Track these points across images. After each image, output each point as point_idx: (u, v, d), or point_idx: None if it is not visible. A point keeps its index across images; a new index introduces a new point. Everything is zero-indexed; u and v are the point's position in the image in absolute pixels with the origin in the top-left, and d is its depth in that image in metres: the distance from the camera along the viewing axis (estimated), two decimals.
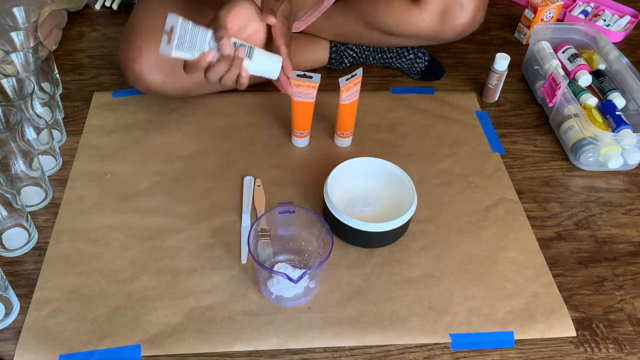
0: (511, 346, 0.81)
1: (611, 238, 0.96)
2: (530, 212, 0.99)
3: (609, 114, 1.09)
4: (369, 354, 0.79)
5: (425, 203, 0.97)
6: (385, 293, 0.85)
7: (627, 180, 1.06)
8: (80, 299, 0.82)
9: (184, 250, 0.89)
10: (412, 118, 1.15)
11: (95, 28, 1.35)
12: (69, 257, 0.87)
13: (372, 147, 1.08)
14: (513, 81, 1.27)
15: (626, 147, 1.05)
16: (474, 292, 0.86)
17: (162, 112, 1.11)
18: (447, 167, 1.05)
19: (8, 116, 0.87)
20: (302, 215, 0.84)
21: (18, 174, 0.91)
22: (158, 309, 0.81)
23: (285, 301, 0.82)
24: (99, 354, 0.77)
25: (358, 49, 1.23)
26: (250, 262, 0.87)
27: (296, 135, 1.06)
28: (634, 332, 0.84)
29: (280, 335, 0.80)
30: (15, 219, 0.87)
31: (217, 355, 0.78)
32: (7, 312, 0.79)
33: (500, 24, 1.46)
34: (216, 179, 0.99)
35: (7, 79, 0.92)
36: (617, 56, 1.17)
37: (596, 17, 1.45)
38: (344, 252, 0.90)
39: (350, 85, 0.98)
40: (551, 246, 0.94)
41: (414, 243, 0.92)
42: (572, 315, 0.84)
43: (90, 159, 1.02)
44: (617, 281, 0.90)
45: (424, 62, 1.23)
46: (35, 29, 1.05)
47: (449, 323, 0.82)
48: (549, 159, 1.09)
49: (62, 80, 1.19)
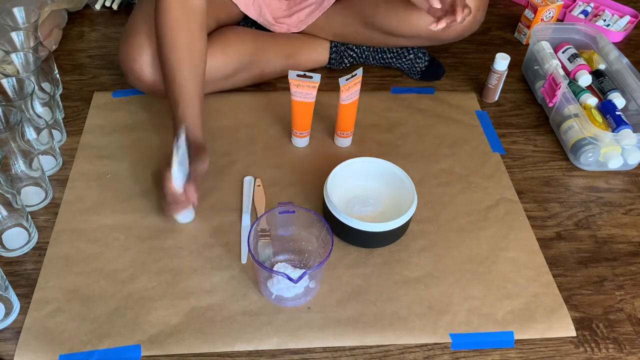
0: (511, 346, 0.81)
1: (611, 238, 0.96)
2: (530, 212, 0.99)
3: (609, 114, 1.09)
4: (369, 354, 0.79)
5: (425, 203, 0.97)
6: (385, 293, 0.85)
7: (627, 180, 1.06)
8: (80, 299, 0.82)
9: (184, 250, 0.89)
10: (412, 118, 1.15)
11: (95, 28, 1.35)
12: (69, 257, 0.87)
13: (372, 147, 1.08)
14: (513, 81, 1.27)
15: (626, 147, 1.05)
16: (474, 292, 0.86)
17: (162, 112, 1.11)
18: (447, 167, 1.05)
19: (8, 116, 0.87)
20: (302, 215, 0.84)
21: (18, 174, 0.91)
22: (158, 309, 0.81)
23: (285, 301, 0.82)
24: (99, 354, 0.77)
25: (358, 49, 1.23)
26: (250, 262, 0.87)
27: (296, 135, 1.06)
28: (634, 332, 0.84)
29: (280, 335, 0.80)
30: (15, 219, 0.87)
31: (217, 355, 0.78)
32: (7, 312, 0.79)
33: (500, 24, 1.46)
34: (216, 179, 0.99)
35: (7, 79, 0.92)
36: (617, 56, 1.17)
37: (596, 17, 1.45)
38: (344, 252, 0.90)
39: (350, 85, 0.98)
40: (551, 246, 0.94)
41: (414, 243, 0.92)
42: (572, 315, 0.84)
43: (90, 159, 1.02)
44: (617, 281, 0.90)
45: (424, 62, 1.23)
46: (35, 29, 1.05)
47: (449, 323, 0.82)
48: (549, 159, 1.09)
49: (62, 80, 1.19)
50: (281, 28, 1.19)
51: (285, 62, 1.18)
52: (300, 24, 1.19)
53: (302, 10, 1.18)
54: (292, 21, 1.19)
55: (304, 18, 1.18)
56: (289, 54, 1.18)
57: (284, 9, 1.19)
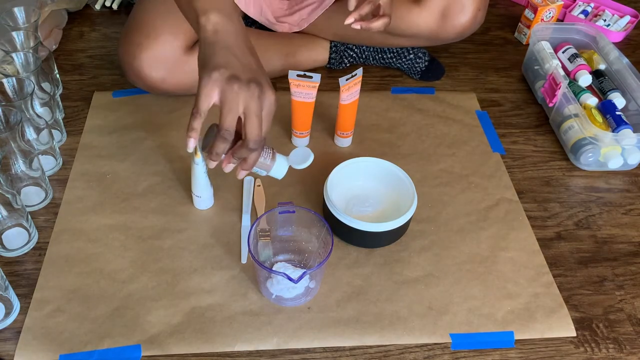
0: (511, 346, 0.81)
1: (611, 238, 0.96)
2: (530, 212, 0.99)
3: (609, 114, 1.09)
4: (369, 354, 0.79)
5: (425, 203, 0.97)
6: (385, 293, 0.85)
7: (627, 180, 1.06)
8: (80, 299, 0.82)
9: (184, 250, 0.89)
10: (412, 118, 1.15)
11: (95, 28, 1.35)
12: (69, 257, 0.87)
13: (372, 147, 1.08)
14: (513, 81, 1.27)
15: (626, 147, 1.05)
16: (474, 292, 0.86)
17: (162, 112, 1.11)
18: (447, 167, 1.05)
19: (8, 116, 0.87)
20: (302, 215, 0.84)
21: (18, 174, 0.91)
22: (158, 309, 0.81)
23: (285, 301, 0.82)
24: (99, 354, 0.77)
25: (358, 49, 1.23)
26: (250, 262, 0.87)
27: (296, 135, 1.06)
28: (634, 332, 0.84)
29: (280, 335, 0.80)
30: (15, 219, 0.86)
31: (217, 355, 0.78)
32: (7, 312, 0.79)
33: (500, 24, 1.46)
34: (216, 179, 0.99)
35: (7, 79, 0.92)
36: (617, 56, 1.17)
37: (596, 17, 1.45)
38: (344, 252, 0.90)
39: (350, 85, 0.98)
40: (551, 246, 0.94)
41: (414, 243, 0.92)
42: (572, 315, 0.84)
43: (90, 159, 1.02)
44: (617, 281, 0.90)
45: (424, 62, 1.23)
46: (35, 29, 1.05)
47: (449, 323, 0.82)
48: (549, 159, 1.09)
49: (62, 80, 1.19)
50: (282, 27, 1.19)
51: (285, 62, 1.18)
52: (302, 22, 1.18)
53: (303, 9, 1.18)
54: (293, 20, 1.19)
55: (305, 16, 1.18)
56: (288, 54, 1.18)
57: (285, 9, 1.19)
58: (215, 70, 0.70)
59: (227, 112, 0.71)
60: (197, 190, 0.92)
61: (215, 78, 0.70)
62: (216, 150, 0.73)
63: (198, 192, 0.92)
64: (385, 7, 0.93)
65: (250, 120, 0.71)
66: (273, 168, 0.81)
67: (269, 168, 0.81)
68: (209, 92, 0.70)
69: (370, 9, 0.92)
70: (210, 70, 0.70)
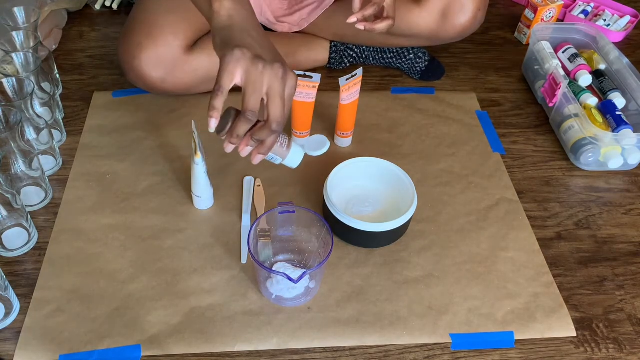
0: (511, 346, 0.81)
1: (611, 238, 0.96)
2: (530, 212, 0.99)
3: (609, 114, 1.09)
4: (369, 354, 0.79)
5: (425, 203, 0.97)
6: (385, 293, 0.85)
7: (627, 180, 1.06)
8: (80, 299, 0.82)
9: (184, 250, 0.89)
10: (412, 118, 1.15)
11: (95, 28, 1.35)
12: (69, 257, 0.87)
13: (372, 147, 1.08)
14: (513, 81, 1.27)
15: (626, 147, 1.05)
16: (474, 292, 0.86)
17: (162, 112, 1.11)
18: (447, 167, 1.05)
19: (8, 116, 0.87)
20: (302, 215, 0.84)
21: (18, 174, 0.91)
22: (158, 309, 0.81)
23: (285, 301, 0.82)
24: (99, 354, 0.77)
25: (358, 49, 1.23)
26: (250, 262, 0.87)
27: (296, 135, 1.06)
28: (634, 332, 0.84)
29: (280, 335, 0.80)
30: (15, 219, 0.86)
31: (217, 355, 0.78)
32: (7, 312, 0.79)
33: (500, 24, 1.46)
34: (216, 179, 0.99)
35: (7, 79, 0.92)
36: (617, 56, 1.17)
37: (596, 17, 1.45)
38: (344, 252, 0.90)
39: (350, 85, 0.98)
40: (551, 246, 0.94)
41: (414, 243, 0.92)
42: (572, 315, 0.84)
43: (90, 159, 1.02)
44: (617, 281, 0.90)
45: (424, 62, 1.23)
46: (35, 29, 1.05)
47: (449, 323, 0.82)
48: (549, 159, 1.09)
49: (62, 80, 1.19)
50: (282, 27, 1.19)
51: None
52: (302, 22, 1.18)
53: (303, 9, 1.18)
54: (293, 19, 1.19)
55: (306, 16, 1.18)
56: (288, 53, 1.18)
57: (285, 8, 1.19)
58: (238, 49, 0.68)
59: (251, 93, 0.69)
60: (197, 190, 0.92)
61: (239, 57, 0.68)
62: (237, 132, 0.70)
63: (198, 192, 0.92)
64: (389, 10, 0.93)
65: (274, 101, 0.69)
66: (289, 156, 0.79)
67: (284, 155, 0.79)
68: (232, 70, 0.68)
69: (375, 10, 0.92)
70: (232, 48, 0.68)
